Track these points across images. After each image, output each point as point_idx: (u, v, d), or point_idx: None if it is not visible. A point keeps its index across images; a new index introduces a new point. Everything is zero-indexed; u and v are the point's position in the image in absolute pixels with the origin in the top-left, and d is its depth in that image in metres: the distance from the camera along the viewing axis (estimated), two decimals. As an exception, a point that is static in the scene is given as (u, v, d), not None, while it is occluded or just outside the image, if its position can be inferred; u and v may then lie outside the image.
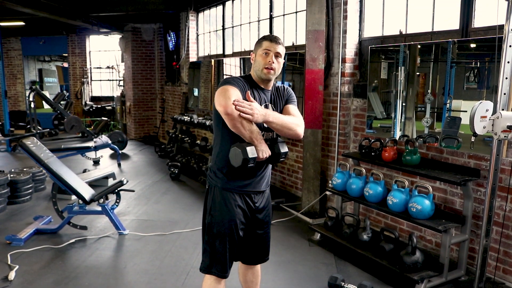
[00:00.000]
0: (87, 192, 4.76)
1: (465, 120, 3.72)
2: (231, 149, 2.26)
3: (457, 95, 3.89)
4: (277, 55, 2.37)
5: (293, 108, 2.53)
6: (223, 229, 2.41)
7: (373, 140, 4.35)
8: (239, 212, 2.43)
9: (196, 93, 9.02)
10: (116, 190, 4.85)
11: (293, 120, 2.42)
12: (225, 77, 7.80)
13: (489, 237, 3.06)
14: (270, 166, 2.56)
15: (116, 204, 4.95)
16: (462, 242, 3.56)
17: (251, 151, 2.22)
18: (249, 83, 2.38)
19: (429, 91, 4.11)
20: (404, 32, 4.46)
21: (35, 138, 4.95)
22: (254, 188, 2.48)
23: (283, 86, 2.60)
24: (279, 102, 2.53)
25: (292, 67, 6.14)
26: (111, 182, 6.60)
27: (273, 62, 2.36)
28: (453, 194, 3.86)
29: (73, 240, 4.54)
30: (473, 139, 2.93)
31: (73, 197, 5.22)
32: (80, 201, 4.72)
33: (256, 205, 2.51)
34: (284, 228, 4.93)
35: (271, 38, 2.38)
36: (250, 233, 2.55)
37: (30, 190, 6.05)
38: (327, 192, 5.04)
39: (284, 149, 2.38)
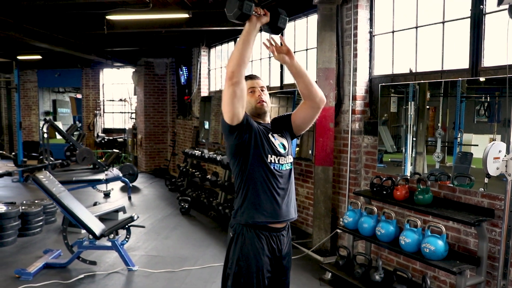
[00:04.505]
0: (98, 227, 4.76)
1: (476, 154, 3.70)
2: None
3: (468, 128, 3.89)
4: (262, 89, 2.49)
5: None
6: (251, 280, 2.36)
7: (384, 179, 4.33)
8: (266, 261, 2.39)
9: (207, 126, 9.10)
10: (127, 226, 4.85)
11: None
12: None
13: (507, 280, 3.00)
14: (293, 188, 2.51)
15: (126, 239, 4.94)
16: (478, 284, 3.47)
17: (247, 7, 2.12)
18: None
19: (439, 125, 4.10)
20: (414, 71, 4.50)
21: (47, 171, 5.01)
22: (284, 216, 2.43)
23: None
24: (282, 128, 2.57)
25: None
26: (121, 215, 6.62)
27: (262, 95, 2.47)
28: (467, 234, 3.80)
29: (82, 276, 4.51)
30: (486, 180, 2.92)
31: (83, 231, 5.22)
32: (90, 236, 4.72)
33: (281, 251, 2.46)
34: (294, 266, 4.83)
35: (251, 76, 2.50)
36: (274, 280, 2.50)
37: (41, 223, 6.08)
38: (338, 230, 4.99)
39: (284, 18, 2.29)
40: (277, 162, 2.41)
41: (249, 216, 2.37)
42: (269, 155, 2.39)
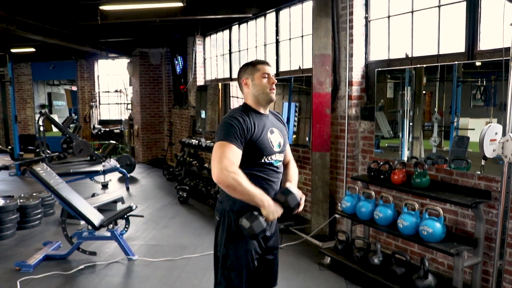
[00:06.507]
0: (96, 218, 4.77)
1: (473, 138, 3.72)
2: (240, 220, 2.25)
3: (464, 113, 3.90)
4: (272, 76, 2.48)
5: (289, 148, 2.67)
6: (239, 261, 2.38)
7: (381, 163, 4.34)
8: (253, 242, 2.41)
9: (203, 115, 9.09)
10: (125, 216, 4.86)
11: (296, 173, 2.68)
12: (231, 100, 7.85)
13: (503, 260, 3.03)
14: (279, 180, 2.54)
15: (125, 229, 4.95)
16: (475, 265, 3.51)
17: (257, 226, 2.20)
18: (248, 113, 2.40)
19: (435, 110, 4.11)
20: (410, 55, 4.49)
21: (44, 164, 4.99)
22: None
23: (277, 112, 2.68)
24: (282, 127, 2.58)
25: (298, 89, 6.20)
26: (119, 206, 6.63)
27: (275, 82, 2.46)
28: (464, 216, 3.83)
29: (82, 266, 4.53)
30: (483, 162, 2.94)
31: (82, 222, 5.23)
32: (90, 227, 4.73)
33: (269, 230, 2.49)
34: (293, 252, 4.89)
35: (266, 62, 2.49)
36: (261, 260, 2.53)
37: (40, 215, 6.07)
38: (337, 215, 5.01)
39: (295, 201, 2.34)
40: (273, 159, 2.42)
41: (235, 204, 2.37)
42: (265, 157, 2.38)
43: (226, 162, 2.19)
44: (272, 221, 2.31)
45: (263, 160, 2.38)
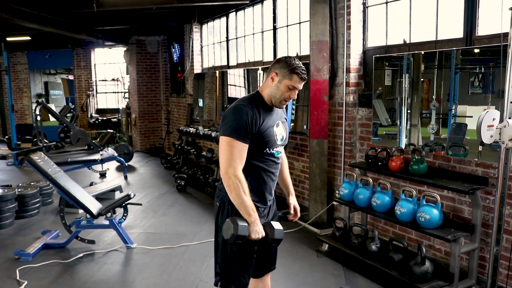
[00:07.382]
0: (95, 206, 4.77)
1: (471, 125, 3.72)
2: (226, 220, 2.29)
3: (462, 100, 3.89)
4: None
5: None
6: (240, 246, 2.39)
7: (379, 150, 4.34)
8: None
9: (201, 104, 9.06)
10: (124, 204, 4.86)
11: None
12: (229, 88, 7.82)
13: (500, 246, 3.04)
14: (278, 171, 2.59)
15: (124, 217, 4.96)
16: (472, 251, 3.53)
17: (242, 229, 2.22)
18: (258, 104, 2.40)
19: (433, 97, 4.10)
20: (408, 41, 4.46)
21: (42, 153, 4.98)
22: (269, 195, 2.53)
23: None
24: (285, 120, 2.62)
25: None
26: (118, 195, 6.63)
27: (293, 98, 2.45)
28: (461, 203, 3.84)
29: (81, 255, 4.54)
30: (480, 148, 2.93)
31: (81, 211, 5.23)
32: (88, 215, 4.73)
33: (264, 217, 2.52)
34: (292, 239, 4.91)
35: (303, 76, 2.39)
36: (260, 244, 2.54)
37: (38, 204, 6.07)
38: (334, 203, 5.02)
39: (280, 236, 2.34)
40: (275, 150, 2.46)
41: None
42: (269, 148, 2.42)
43: (233, 164, 2.26)
44: (252, 239, 2.30)
45: (265, 151, 2.42)
